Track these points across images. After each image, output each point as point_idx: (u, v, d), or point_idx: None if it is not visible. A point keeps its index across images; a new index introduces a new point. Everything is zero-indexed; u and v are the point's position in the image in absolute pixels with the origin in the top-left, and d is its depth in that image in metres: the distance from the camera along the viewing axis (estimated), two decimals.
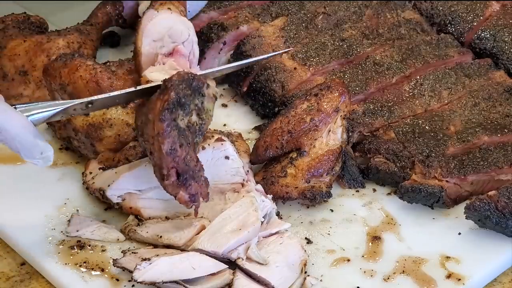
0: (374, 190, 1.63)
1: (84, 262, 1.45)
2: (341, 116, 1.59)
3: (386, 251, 1.48)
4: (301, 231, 1.52)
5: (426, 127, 1.65)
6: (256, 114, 1.81)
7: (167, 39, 1.59)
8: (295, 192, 1.54)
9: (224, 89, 1.91)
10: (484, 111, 1.68)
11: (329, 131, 1.58)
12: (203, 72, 1.56)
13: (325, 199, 1.56)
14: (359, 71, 1.76)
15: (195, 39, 1.63)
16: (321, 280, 1.42)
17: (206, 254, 1.41)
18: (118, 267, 1.41)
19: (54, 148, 1.69)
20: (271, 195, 1.52)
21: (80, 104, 1.42)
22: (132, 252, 1.43)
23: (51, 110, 1.40)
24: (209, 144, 1.51)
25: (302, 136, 1.57)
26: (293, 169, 1.55)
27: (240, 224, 1.42)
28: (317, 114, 1.57)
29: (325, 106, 1.58)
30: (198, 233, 1.45)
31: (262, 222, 1.45)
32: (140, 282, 1.36)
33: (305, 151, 1.56)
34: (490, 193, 1.47)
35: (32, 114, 1.38)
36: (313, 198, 1.54)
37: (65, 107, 1.41)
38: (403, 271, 1.44)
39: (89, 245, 1.48)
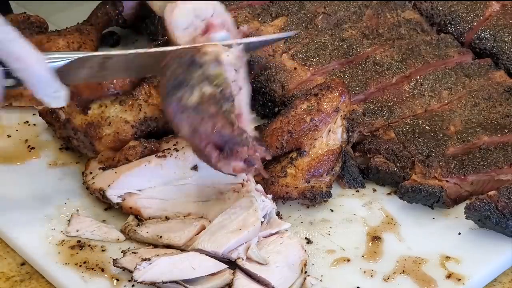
0: (374, 190, 1.63)
1: (84, 262, 1.45)
2: (341, 116, 1.59)
3: (386, 251, 1.48)
4: (301, 231, 1.52)
5: (426, 127, 1.65)
6: (256, 114, 1.81)
7: (196, 21, 1.57)
8: (295, 192, 1.54)
9: None
10: (484, 111, 1.68)
11: (329, 131, 1.58)
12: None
13: (325, 199, 1.56)
14: (359, 71, 1.76)
15: (222, 9, 1.62)
16: (321, 280, 1.42)
17: (206, 254, 1.41)
18: (118, 267, 1.41)
19: (54, 148, 1.71)
20: (271, 195, 1.52)
21: (96, 56, 1.44)
22: (132, 252, 1.43)
23: (67, 59, 1.42)
24: None
25: (302, 136, 1.57)
26: (293, 169, 1.55)
27: (240, 224, 1.42)
28: (317, 114, 1.57)
29: (325, 106, 1.58)
30: (198, 233, 1.45)
31: (262, 222, 1.45)
32: (140, 282, 1.36)
33: (305, 151, 1.56)
34: (490, 193, 1.47)
35: (50, 61, 1.40)
36: (313, 198, 1.54)
37: (80, 56, 1.42)
38: (403, 271, 1.44)
39: (89, 245, 1.48)
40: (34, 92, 1.38)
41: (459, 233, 1.52)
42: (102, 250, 1.47)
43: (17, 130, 1.76)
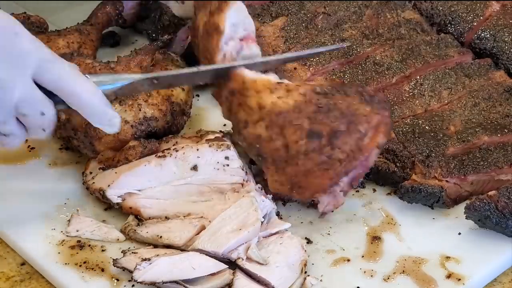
0: (374, 190, 1.63)
1: (84, 262, 1.45)
2: None
3: (386, 251, 1.48)
4: (301, 231, 1.52)
5: (426, 127, 1.65)
6: None
7: (241, 26, 1.58)
8: None
9: None
10: (484, 111, 1.68)
11: None
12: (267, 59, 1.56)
13: None
14: (359, 71, 1.76)
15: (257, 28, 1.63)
16: (321, 280, 1.42)
17: (206, 254, 1.41)
18: (118, 267, 1.41)
19: (54, 148, 1.71)
20: (271, 195, 1.52)
21: (145, 80, 1.46)
22: (132, 252, 1.43)
23: (118, 82, 1.44)
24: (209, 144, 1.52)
25: None
26: None
27: (240, 224, 1.42)
28: None
29: None
30: (198, 233, 1.45)
31: (262, 222, 1.45)
32: (140, 282, 1.36)
33: None
34: (490, 193, 1.47)
35: (101, 85, 1.42)
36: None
37: (131, 81, 1.45)
38: (403, 271, 1.44)
39: (89, 245, 1.48)
40: (90, 121, 1.41)
41: (459, 233, 1.52)
42: (102, 250, 1.48)
43: None
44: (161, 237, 1.46)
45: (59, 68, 1.37)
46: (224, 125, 1.78)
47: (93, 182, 1.55)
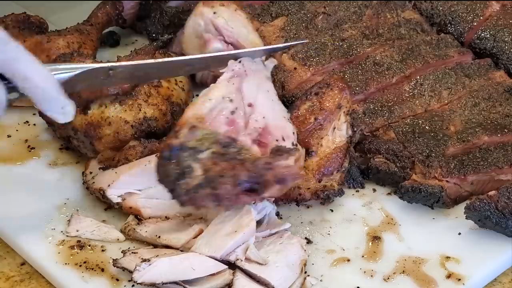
0: (374, 190, 1.63)
1: (84, 262, 1.45)
2: (344, 112, 1.59)
3: (386, 251, 1.48)
4: (301, 231, 1.52)
5: (426, 127, 1.65)
6: None
7: (196, 40, 1.57)
8: (308, 193, 1.53)
9: None
10: (484, 111, 1.68)
11: (334, 128, 1.58)
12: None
13: (339, 197, 1.55)
14: (359, 71, 1.76)
15: (209, 14, 1.60)
16: (321, 280, 1.42)
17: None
18: (118, 267, 1.41)
19: (54, 148, 1.71)
20: (283, 198, 1.51)
21: (101, 68, 1.44)
22: (132, 252, 1.43)
23: (73, 71, 1.42)
24: None
25: (308, 137, 1.56)
26: (303, 171, 1.54)
27: (235, 226, 1.42)
28: (321, 113, 1.57)
29: (327, 104, 1.57)
30: (196, 236, 1.45)
31: (262, 223, 1.45)
32: (140, 283, 1.36)
33: (313, 151, 1.56)
34: (490, 193, 1.47)
35: (56, 73, 1.39)
36: (327, 198, 1.53)
37: (86, 69, 1.42)
38: (403, 271, 1.44)
39: (89, 245, 1.48)
40: (41, 108, 1.38)
41: (459, 233, 1.52)
42: (102, 250, 1.48)
43: (17, 130, 1.76)
44: (159, 237, 1.45)
45: (14, 50, 1.33)
46: None
47: (93, 182, 1.55)
